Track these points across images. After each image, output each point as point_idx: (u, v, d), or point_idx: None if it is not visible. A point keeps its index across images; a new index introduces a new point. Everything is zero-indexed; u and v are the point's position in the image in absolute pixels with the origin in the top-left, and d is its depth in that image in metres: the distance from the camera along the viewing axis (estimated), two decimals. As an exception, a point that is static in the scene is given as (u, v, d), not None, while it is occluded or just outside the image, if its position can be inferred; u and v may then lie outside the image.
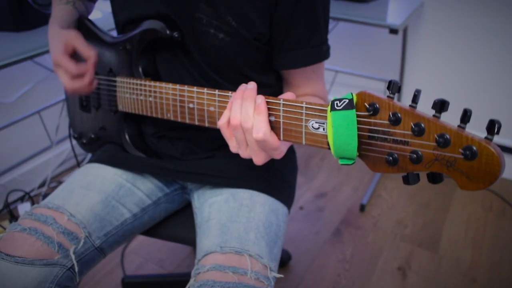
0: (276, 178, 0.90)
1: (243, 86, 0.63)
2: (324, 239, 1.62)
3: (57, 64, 0.82)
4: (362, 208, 1.77)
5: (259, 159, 0.63)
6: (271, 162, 0.92)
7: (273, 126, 0.63)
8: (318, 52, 0.79)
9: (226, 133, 0.64)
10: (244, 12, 0.74)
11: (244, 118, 0.60)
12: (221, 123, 0.64)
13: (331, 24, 1.32)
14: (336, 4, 1.70)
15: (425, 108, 0.51)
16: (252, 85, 0.62)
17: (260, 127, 0.59)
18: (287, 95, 0.62)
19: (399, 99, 1.96)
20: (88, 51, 0.81)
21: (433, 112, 0.48)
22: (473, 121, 0.46)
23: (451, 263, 1.51)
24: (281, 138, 0.63)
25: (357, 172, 1.99)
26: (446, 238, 1.62)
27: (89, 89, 0.84)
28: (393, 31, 1.46)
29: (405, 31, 1.77)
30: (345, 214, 1.75)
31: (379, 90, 2.12)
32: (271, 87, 0.87)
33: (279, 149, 0.62)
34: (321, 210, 1.77)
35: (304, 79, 0.83)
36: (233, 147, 0.65)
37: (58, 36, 0.84)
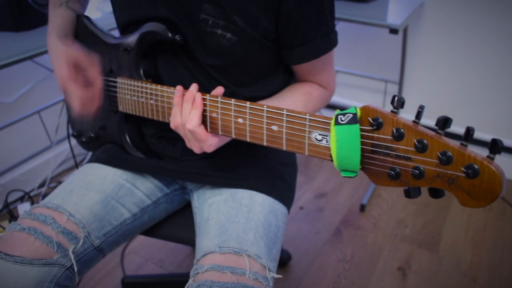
0: (275, 178, 0.90)
1: (178, 92, 0.72)
2: (324, 239, 1.62)
3: (63, 87, 0.82)
4: (362, 208, 1.77)
5: (195, 149, 0.74)
6: (271, 162, 0.93)
7: (275, 135, 0.64)
8: (327, 41, 0.80)
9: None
10: (249, 10, 0.74)
11: (184, 118, 0.71)
12: (171, 126, 0.74)
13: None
14: (336, 4, 1.68)
15: (425, 108, 0.51)
16: (192, 88, 0.72)
17: (192, 120, 0.70)
18: (217, 91, 0.73)
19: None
20: (94, 73, 0.82)
21: (433, 112, 0.48)
22: (473, 121, 0.47)
23: (451, 263, 1.51)
24: (284, 147, 0.64)
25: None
26: (446, 238, 1.62)
27: (99, 102, 0.85)
28: (393, 31, 1.46)
29: (405, 31, 1.77)
30: (345, 214, 1.75)
31: (379, 90, 2.12)
32: (277, 82, 0.87)
33: (207, 142, 0.71)
34: (321, 210, 1.77)
35: (316, 68, 0.84)
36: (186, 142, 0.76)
37: (59, 53, 0.82)
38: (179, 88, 0.73)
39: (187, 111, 0.70)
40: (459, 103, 1.96)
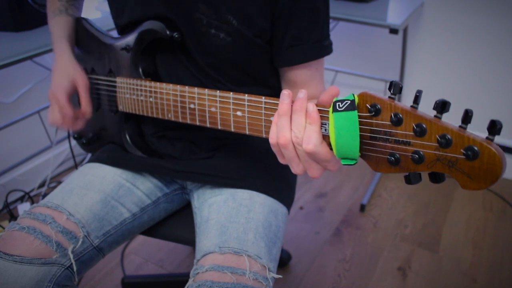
0: (275, 178, 0.90)
1: (287, 99, 0.57)
2: (324, 239, 1.62)
3: (54, 99, 0.85)
4: (362, 208, 1.77)
5: (313, 172, 0.58)
6: (271, 162, 0.93)
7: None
8: (319, 47, 0.79)
9: (274, 149, 0.60)
10: (244, 9, 0.74)
11: (295, 133, 0.56)
12: (272, 142, 0.59)
13: (331, 24, 1.31)
14: (336, 4, 1.70)
15: (425, 108, 0.51)
16: (302, 94, 0.56)
17: (311, 138, 0.55)
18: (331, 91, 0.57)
19: (399, 99, 1.96)
20: (87, 106, 0.88)
21: (434, 112, 0.48)
22: (473, 120, 0.46)
23: (451, 263, 1.51)
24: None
25: (357, 172, 1.99)
26: (446, 238, 1.62)
27: (76, 128, 0.91)
28: (393, 31, 1.46)
29: (405, 31, 1.77)
30: (345, 214, 1.75)
31: (379, 90, 2.12)
32: (276, 88, 0.86)
33: (332, 161, 0.56)
34: (321, 210, 1.77)
35: (308, 76, 0.82)
36: (283, 161, 0.60)
37: (67, 70, 0.86)
38: (287, 93, 0.57)
39: (301, 126, 0.56)
40: (459, 103, 1.96)
